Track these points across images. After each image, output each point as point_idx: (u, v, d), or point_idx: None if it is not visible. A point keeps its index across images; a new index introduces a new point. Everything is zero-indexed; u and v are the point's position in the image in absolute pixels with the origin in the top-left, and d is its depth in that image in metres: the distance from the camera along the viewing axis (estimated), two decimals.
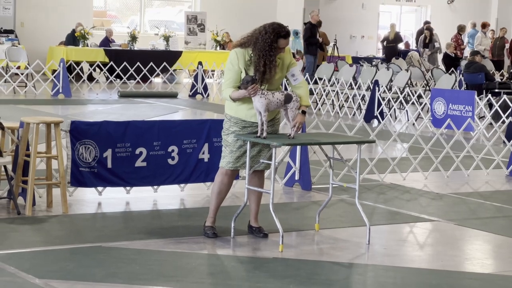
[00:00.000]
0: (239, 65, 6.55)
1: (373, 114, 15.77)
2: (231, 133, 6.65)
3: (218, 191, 6.79)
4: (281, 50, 6.57)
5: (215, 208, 6.83)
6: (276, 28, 6.54)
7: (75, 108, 16.23)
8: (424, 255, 6.81)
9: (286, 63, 6.69)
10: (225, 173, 6.75)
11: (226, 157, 6.71)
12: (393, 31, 24.39)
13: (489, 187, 9.91)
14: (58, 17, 23.38)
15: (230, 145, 6.67)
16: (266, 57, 6.49)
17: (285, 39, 6.54)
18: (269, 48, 6.49)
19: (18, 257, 6.03)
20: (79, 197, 8.03)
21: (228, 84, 6.57)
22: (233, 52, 6.61)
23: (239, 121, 6.63)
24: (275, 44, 6.50)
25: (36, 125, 7.36)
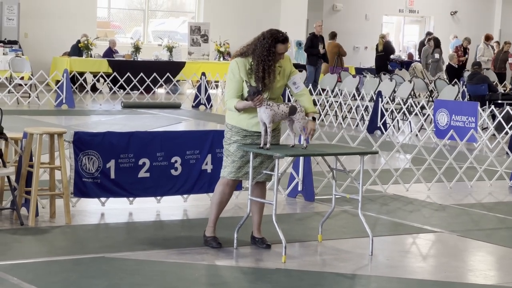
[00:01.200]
0: (240, 74, 6.57)
1: (376, 125, 15.77)
2: (233, 142, 6.66)
3: (218, 201, 6.79)
4: (280, 56, 6.59)
5: (215, 218, 6.83)
6: (274, 34, 6.58)
7: (78, 118, 16.26)
8: (427, 266, 6.80)
9: (287, 71, 6.72)
10: (226, 183, 6.75)
11: (227, 167, 6.71)
12: (381, 42, 24.44)
13: (492, 198, 9.90)
14: (61, 28, 23.44)
15: (232, 154, 6.68)
16: (265, 63, 6.52)
17: (283, 44, 6.57)
18: (268, 53, 6.52)
19: (21, 268, 6.03)
20: (82, 208, 8.04)
21: (231, 94, 6.59)
22: (233, 62, 6.64)
23: (241, 130, 6.64)
24: (273, 49, 6.53)
25: (40, 135, 7.37)
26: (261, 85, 6.53)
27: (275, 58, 6.56)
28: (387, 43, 24.69)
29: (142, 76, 20.46)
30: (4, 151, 7.72)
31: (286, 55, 6.75)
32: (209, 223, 6.86)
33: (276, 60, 6.58)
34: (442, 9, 30.32)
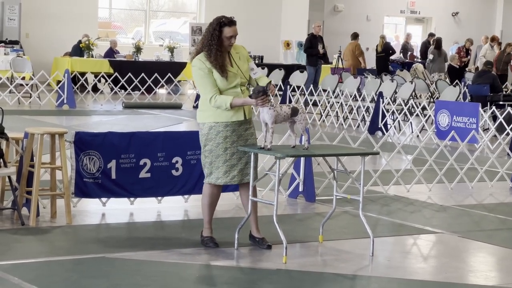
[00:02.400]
0: (206, 66, 6.58)
1: (377, 126, 15.76)
2: (221, 143, 6.62)
3: (209, 203, 6.80)
4: (230, 40, 6.61)
5: (209, 218, 6.84)
6: (218, 18, 6.69)
7: (79, 119, 16.26)
8: (428, 267, 6.80)
9: (245, 56, 6.78)
10: (213, 187, 6.75)
11: (213, 173, 6.69)
12: (380, 43, 24.47)
13: (493, 199, 9.90)
14: (63, 28, 23.45)
15: (221, 155, 6.64)
16: (217, 48, 6.57)
17: (229, 27, 6.62)
18: (217, 38, 6.58)
19: (22, 268, 6.04)
20: (83, 208, 8.04)
21: (211, 90, 6.56)
22: (195, 60, 6.68)
23: (222, 125, 6.60)
24: (217, 33, 6.59)
25: (41, 135, 7.38)
26: (222, 70, 6.55)
27: (222, 43, 6.59)
28: (387, 44, 24.70)
29: (143, 77, 20.47)
30: (5, 151, 7.72)
31: (240, 45, 6.79)
32: (204, 225, 6.86)
33: (226, 44, 6.61)
34: (444, 10, 30.32)
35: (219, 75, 6.57)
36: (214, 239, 6.81)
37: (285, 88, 18.66)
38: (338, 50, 24.06)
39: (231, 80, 6.62)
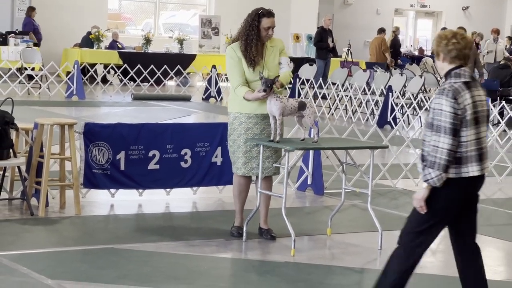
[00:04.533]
0: (237, 54, 6.62)
1: (386, 120, 15.74)
2: (242, 134, 6.65)
3: (238, 193, 6.89)
4: (267, 31, 6.64)
5: (239, 209, 6.92)
6: (258, 9, 6.75)
7: (88, 110, 16.28)
8: (436, 261, 6.80)
9: (280, 49, 6.80)
10: (239, 177, 6.82)
11: (236, 162, 6.77)
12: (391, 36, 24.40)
13: (502, 194, 9.88)
14: (72, 19, 23.45)
15: (242, 146, 6.68)
16: (253, 37, 6.61)
17: (268, 18, 6.67)
18: (251, 28, 6.64)
19: (31, 258, 6.06)
20: (92, 199, 8.06)
21: (238, 80, 6.61)
22: (228, 48, 6.79)
23: (246, 116, 6.64)
24: (256, 23, 6.64)
25: (50, 126, 7.39)
26: (252, 59, 6.59)
27: (260, 33, 6.61)
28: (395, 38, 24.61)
29: (153, 68, 20.47)
30: (15, 142, 7.74)
31: (278, 38, 6.80)
32: (236, 215, 6.97)
33: (263, 35, 6.62)
34: (454, 4, 30.23)
35: (247, 66, 6.62)
36: (240, 229, 6.85)
37: (294, 81, 18.64)
38: (348, 43, 24.01)
39: (257, 73, 6.65)
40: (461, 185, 4.79)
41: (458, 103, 4.70)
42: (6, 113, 7.38)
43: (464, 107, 4.71)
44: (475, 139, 4.78)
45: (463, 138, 4.75)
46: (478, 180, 4.83)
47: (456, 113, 4.70)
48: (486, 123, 4.87)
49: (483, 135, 4.83)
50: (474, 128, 4.76)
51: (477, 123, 4.77)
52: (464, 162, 4.75)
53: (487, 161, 4.86)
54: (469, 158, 4.76)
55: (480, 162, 4.79)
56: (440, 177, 4.73)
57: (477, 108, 4.77)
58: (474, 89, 4.78)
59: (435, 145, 4.70)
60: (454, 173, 4.75)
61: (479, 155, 4.78)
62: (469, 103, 4.73)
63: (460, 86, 4.74)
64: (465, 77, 4.79)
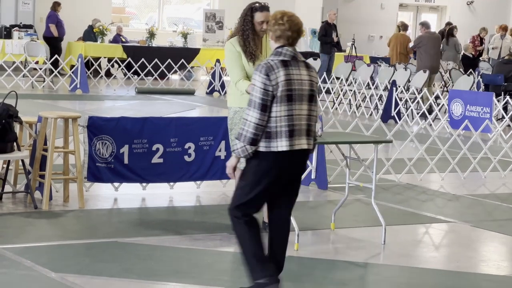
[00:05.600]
0: (236, 49, 6.62)
1: (390, 114, 15.72)
2: (239, 121, 6.63)
3: None
4: (261, 25, 6.64)
5: None
6: (251, 4, 6.72)
7: (92, 103, 16.28)
8: (440, 256, 6.79)
9: None
10: None
11: None
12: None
13: (506, 189, 9.87)
14: (76, 13, 23.43)
15: None
16: (249, 32, 6.61)
17: (261, 12, 6.65)
18: (246, 23, 6.63)
19: (35, 251, 6.06)
20: (96, 192, 8.06)
21: (238, 74, 6.59)
22: (227, 43, 6.77)
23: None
24: (249, 18, 6.64)
25: (54, 120, 7.39)
26: (250, 53, 6.60)
27: (254, 28, 6.62)
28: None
29: (157, 62, 20.47)
30: (19, 135, 7.74)
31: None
32: None
33: (258, 29, 6.63)
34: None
35: (246, 61, 6.61)
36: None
37: None
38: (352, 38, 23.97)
39: None
40: (270, 158, 4.94)
41: (270, 79, 4.90)
42: (10, 107, 7.38)
43: (276, 84, 4.89)
44: (287, 116, 4.93)
45: (274, 114, 4.92)
46: (291, 155, 4.96)
47: (267, 89, 4.90)
48: (309, 102, 5.03)
49: (299, 113, 4.97)
50: (286, 105, 4.92)
51: (290, 100, 4.92)
52: (273, 137, 4.92)
53: (301, 138, 4.99)
54: (279, 134, 4.92)
55: (290, 138, 4.93)
56: (244, 148, 4.93)
57: (292, 86, 4.93)
58: (293, 68, 4.97)
59: (245, 118, 4.93)
60: (264, 146, 4.93)
61: (290, 131, 4.92)
62: (282, 80, 4.90)
63: (275, 64, 4.94)
64: (284, 55, 5.00)
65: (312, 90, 5.06)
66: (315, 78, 5.12)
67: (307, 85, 5.03)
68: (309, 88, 5.04)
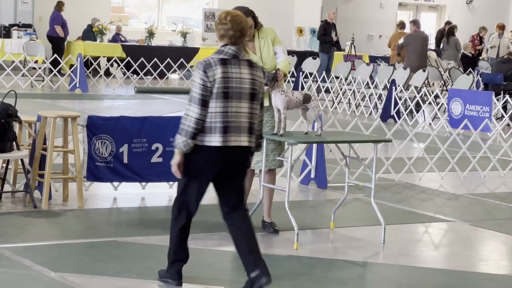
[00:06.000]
0: None
1: (390, 114, 15.73)
2: None
3: None
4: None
5: None
6: None
7: (91, 103, 16.28)
8: (439, 255, 6.79)
9: (272, 39, 6.74)
10: None
11: None
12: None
13: (506, 188, 9.87)
14: (76, 12, 23.42)
15: None
16: None
17: None
18: None
19: (34, 250, 6.06)
20: (95, 192, 8.06)
21: None
22: None
23: None
24: None
25: (53, 119, 7.39)
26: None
27: None
28: None
29: (156, 62, 20.47)
30: (18, 134, 7.74)
31: (269, 27, 6.75)
32: None
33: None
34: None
35: None
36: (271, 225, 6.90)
37: (298, 75, 18.62)
38: (351, 37, 23.98)
39: None
40: (205, 152, 5.15)
41: (207, 76, 5.12)
42: (10, 106, 7.37)
43: (213, 81, 5.11)
44: (222, 112, 5.11)
45: (211, 110, 5.12)
46: (225, 151, 5.14)
47: (205, 85, 5.12)
48: (251, 100, 5.19)
49: (237, 110, 5.14)
50: (222, 101, 5.11)
51: (226, 97, 5.11)
52: (208, 132, 5.12)
53: (239, 135, 5.15)
54: (213, 129, 5.11)
55: (224, 134, 5.11)
56: (186, 143, 5.13)
57: (230, 83, 5.12)
58: (233, 66, 5.16)
59: (186, 114, 5.12)
60: (200, 140, 5.13)
61: (225, 127, 5.10)
62: (219, 78, 5.11)
63: (214, 61, 5.15)
64: (225, 54, 5.19)
65: (253, 88, 5.21)
66: (259, 77, 5.26)
67: (248, 83, 5.19)
68: (250, 86, 5.19)
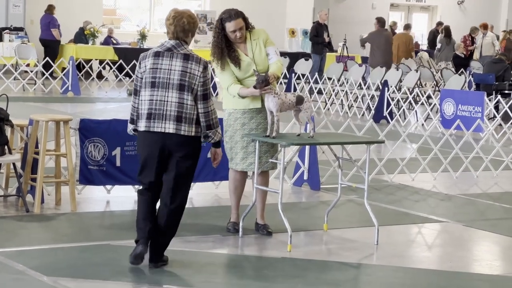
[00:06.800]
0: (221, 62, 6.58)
1: (382, 115, 15.74)
2: (238, 129, 6.65)
3: (233, 188, 6.89)
4: (234, 34, 6.59)
5: (235, 204, 6.91)
6: (220, 16, 6.68)
7: (84, 106, 16.26)
8: (433, 256, 6.80)
9: (264, 41, 6.73)
10: (235, 172, 6.80)
11: (233, 158, 6.74)
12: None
13: (498, 188, 9.88)
14: (67, 15, 23.38)
15: (239, 141, 6.68)
16: (224, 45, 6.59)
17: (230, 22, 6.59)
18: (222, 37, 6.59)
19: (27, 255, 6.04)
20: (88, 195, 8.04)
21: (228, 80, 6.61)
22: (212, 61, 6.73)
23: (241, 112, 6.63)
24: (220, 31, 6.60)
25: (45, 122, 7.37)
26: (236, 62, 6.58)
27: (231, 39, 6.61)
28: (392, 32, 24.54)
29: None
30: (10, 138, 7.71)
31: (260, 29, 6.75)
32: (232, 210, 6.96)
33: (232, 38, 6.62)
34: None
35: (233, 66, 6.60)
36: (236, 225, 6.84)
37: (290, 76, 18.62)
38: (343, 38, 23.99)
39: (247, 70, 6.63)
40: (139, 136, 5.76)
41: (140, 66, 5.73)
42: (1, 110, 7.36)
43: (144, 71, 5.68)
44: (148, 100, 5.66)
45: (141, 97, 5.72)
46: (151, 136, 5.66)
47: (137, 76, 5.75)
48: (180, 91, 5.62)
49: (163, 99, 5.63)
50: (149, 90, 5.65)
51: (153, 86, 5.64)
52: (139, 118, 5.73)
53: (164, 122, 5.62)
54: (141, 115, 5.70)
55: (148, 120, 5.65)
56: (130, 128, 5.88)
57: (157, 74, 5.64)
58: (165, 58, 5.67)
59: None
60: (137, 126, 5.75)
61: (149, 114, 5.64)
62: (148, 68, 5.66)
63: (149, 54, 5.72)
64: (161, 47, 5.74)
65: (183, 79, 5.63)
66: (193, 69, 5.65)
67: (177, 75, 5.64)
68: (179, 78, 5.64)
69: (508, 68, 17.51)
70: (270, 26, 26.97)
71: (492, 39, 24.30)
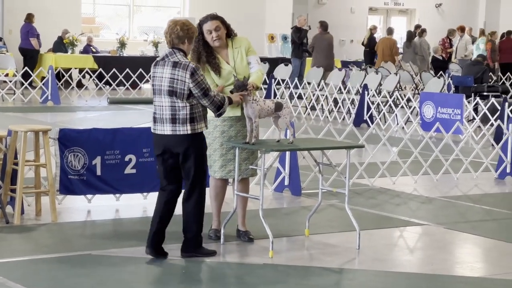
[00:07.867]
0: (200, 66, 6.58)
1: (363, 118, 15.78)
2: (217, 137, 6.65)
3: (214, 195, 6.87)
4: (210, 34, 6.60)
5: (216, 211, 6.90)
6: (199, 21, 6.71)
7: (64, 115, 16.19)
8: (414, 259, 6.82)
9: (246, 49, 6.74)
10: (216, 179, 6.79)
11: (212, 166, 6.74)
12: (367, 36, 24.51)
13: (478, 190, 9.93)
14: (46, 24, 23.29)
15: (218, 149, 6.68)
16: (201, 48, 6.61)
17: (206, 23, 6.63)
18: (200, 40, 6.61)
19: (7, 266, 6.01)
20: (68, 205, 8.01)
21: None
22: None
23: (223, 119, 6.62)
24: (203, 36, 6.62)
25: (24, 133, 7.34)
26: (216, 70, 6.60)
27: (210, 41, 6.61)
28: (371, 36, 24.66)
29: (128, 72, 20.40)
30: None
31: (243, 37, 6.76)
32: (213, 217, 6.95)
33: (209, 40, 6.61)
34: (427, 1, 30.35)
35: (213, 73, 6.60)
36: (218, 232, 6.83)
37: (270, 82, 18.64)
38: None
39: (227, 78, 6.63)
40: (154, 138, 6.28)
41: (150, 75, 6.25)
42: None
43: (151, 79, 6.21)
44: (155, 105, 6.20)
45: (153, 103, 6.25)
46: (156, 138, 6.21)
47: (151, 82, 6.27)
48: (170, 96, 6.07)
49: (160, 104, 6.14)
50: (154, 96, 6.18)
51: (154, 93, 6.18)
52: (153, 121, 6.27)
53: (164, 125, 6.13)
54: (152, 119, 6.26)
55: (154, 124, 6.21)
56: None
57: (155, 81, 6.15)
58: (159, 67, 6.14)
59: None
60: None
61: (154, 118, 6.20)
62: (152, 76, 6.19)
63: (154, 63, 6.20)
64: (160, 56, 6.20)
65: (171, 86, 6.05)
66: (180, 76, 6.03)
67: (166, 81, 6.07)
68: (168, 84, 6.06)
69: (486, 70, 17.61)
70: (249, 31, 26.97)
71: (466, 42, 24.44)
